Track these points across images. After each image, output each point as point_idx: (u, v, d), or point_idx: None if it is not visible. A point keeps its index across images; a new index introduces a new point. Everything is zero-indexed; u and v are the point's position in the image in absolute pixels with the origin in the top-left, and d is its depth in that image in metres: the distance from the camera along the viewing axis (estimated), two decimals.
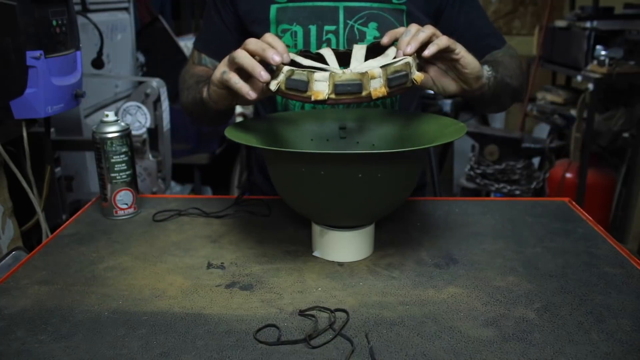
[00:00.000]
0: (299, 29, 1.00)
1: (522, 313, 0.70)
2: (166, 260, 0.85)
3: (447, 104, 2.95)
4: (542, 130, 3.32)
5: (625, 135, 2.62)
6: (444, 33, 1.02)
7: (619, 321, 0.68)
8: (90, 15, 1.84)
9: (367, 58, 0.87)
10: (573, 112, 2.71)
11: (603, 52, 2.43)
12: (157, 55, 2.48)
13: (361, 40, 1.01)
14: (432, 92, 2.90)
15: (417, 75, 0.78)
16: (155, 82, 1.80)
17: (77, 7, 1.85)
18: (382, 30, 1.00)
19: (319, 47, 1.01)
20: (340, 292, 0.75)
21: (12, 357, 0.62)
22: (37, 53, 1.11)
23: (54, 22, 1.17)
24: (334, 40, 1.01)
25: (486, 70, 0.89)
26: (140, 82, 1.93)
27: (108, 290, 0.77)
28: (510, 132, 3.05)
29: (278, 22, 1.01)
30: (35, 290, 0.77)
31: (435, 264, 0.83)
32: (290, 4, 1.01)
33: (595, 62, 2.47)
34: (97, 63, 1.86)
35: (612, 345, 0.63)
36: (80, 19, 1.69)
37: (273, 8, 1.01)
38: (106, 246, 0.90)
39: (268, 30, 1.02)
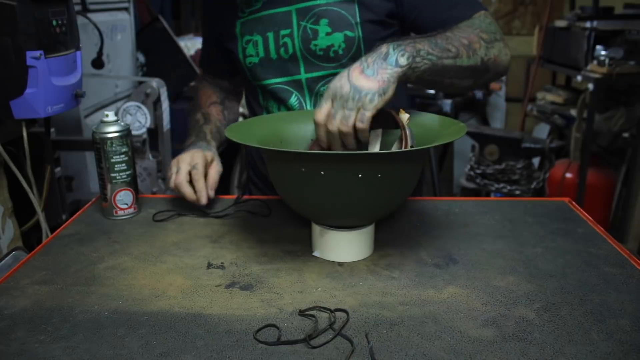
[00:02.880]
0: (259, 38, 1.04)
1: (522, 313, 0.70)
2: (166, 260, 0.85)
3: (447, 104, 2.95)
4: (542, 130, 3.31)
5: (625, 135, 2.62)
6: (405, 12, 1.01)
7: (619, 321, 0.68)
8: (90, 15, 1.84)
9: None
10: (573, 112, 2.71)
11: (603, 52, 2.43)
12: (157, 55, 2.48)
13: (314, 38, 1.01)
14: (432, 91, 2.91)
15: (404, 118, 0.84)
16: (155, 82, 1.80)
17: (77, 7, 1.85)
18: (334, 25, 1.00)
19: (277, 52, 1.04)
20: (340, 292, 0.75)
21: (12, 357, 0.62)
22: (37, 53, 1.10)
23: (54, 22, 1.17)
24: (289, 43, 1.02)
25: (400, 64, 0.80)
26: (140, 82, 1.93)
27: (108, 290, 0.77)
28: (510, 132, 3.04)
29: (242, 34, 1.06)
30: (35, 290, 0.77)
31: (435, 264, 0.83)
32: (250, 17, 1.05)
33: (595, 62, 2.47)
34: (97, 63, 1.86)
35: (612, 345, 0.63)
36: (80, 19, 1.69)
37: (238, 23, 1.06)
38: (106, 246, 0.90)
39: (237, 46, 1.08)
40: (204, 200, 0.97)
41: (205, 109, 1.17)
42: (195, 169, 0.99)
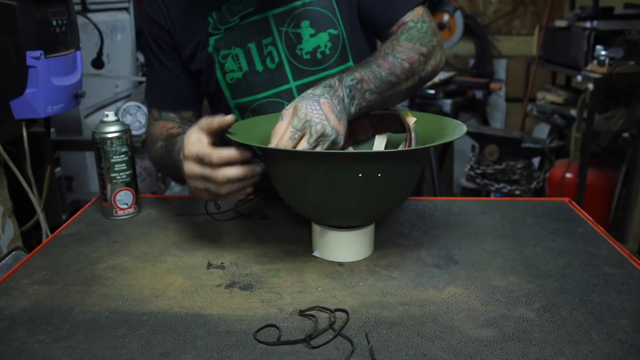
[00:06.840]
0: (239, 51, 0.99)
1: (522, 313, 0.70)
2: (166, 260, 0.85)
3: (447, 104, 2.95)
4: (542, 130, 3.31)
5: (625, 135, 2.62)
6: (358, 6, 0.99)
7: (619, 321, 0.68)
8: (90, 15, 1.84)
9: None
10: (573, 112, 2.71)
11: (603, 52, 2.43)
12: None
13: (299, 43, 0.98)
14: (432, 92, 2.92)
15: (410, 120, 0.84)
16: None
17: (77, 7, 1.85)
18: (316, 25, 0.97)
19: (263, 63, 0.99)
20: (340, 292, 0.75)
21: (12, 357, 0.62)
22: (37, 53, 1.11)
23: (54, 22, 1.17)
24: (274, 52, 0.99)
25: (351, 103, 0.83)
26: (140, 82, 1.93)
27: (108, 290, 0.77)
28: (510, 132, 3.04)
29: (217, 50, 0.99)
30: (35, 290, 0.77)
31: (435, 264, 0.83)
32: (226, 33, 0.98)
33: (595, 62, 2.47)
34: (97, 63, 1.86)
35: (612, 345, 0.63)
36: (80, 19, 1.69)
37: (212, 40, 0.99)
38: (106, 246, 0.90)
39: (212, 65, 0.99)
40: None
41: (164, 136, 0.98)
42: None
